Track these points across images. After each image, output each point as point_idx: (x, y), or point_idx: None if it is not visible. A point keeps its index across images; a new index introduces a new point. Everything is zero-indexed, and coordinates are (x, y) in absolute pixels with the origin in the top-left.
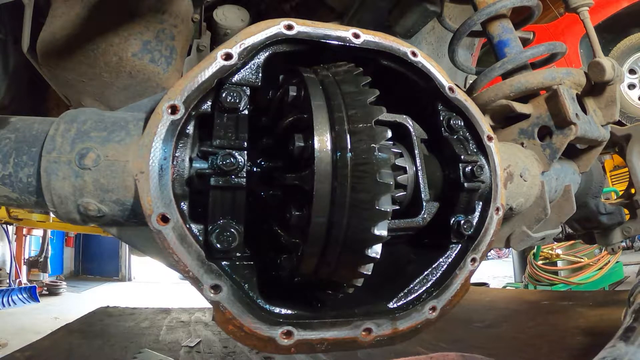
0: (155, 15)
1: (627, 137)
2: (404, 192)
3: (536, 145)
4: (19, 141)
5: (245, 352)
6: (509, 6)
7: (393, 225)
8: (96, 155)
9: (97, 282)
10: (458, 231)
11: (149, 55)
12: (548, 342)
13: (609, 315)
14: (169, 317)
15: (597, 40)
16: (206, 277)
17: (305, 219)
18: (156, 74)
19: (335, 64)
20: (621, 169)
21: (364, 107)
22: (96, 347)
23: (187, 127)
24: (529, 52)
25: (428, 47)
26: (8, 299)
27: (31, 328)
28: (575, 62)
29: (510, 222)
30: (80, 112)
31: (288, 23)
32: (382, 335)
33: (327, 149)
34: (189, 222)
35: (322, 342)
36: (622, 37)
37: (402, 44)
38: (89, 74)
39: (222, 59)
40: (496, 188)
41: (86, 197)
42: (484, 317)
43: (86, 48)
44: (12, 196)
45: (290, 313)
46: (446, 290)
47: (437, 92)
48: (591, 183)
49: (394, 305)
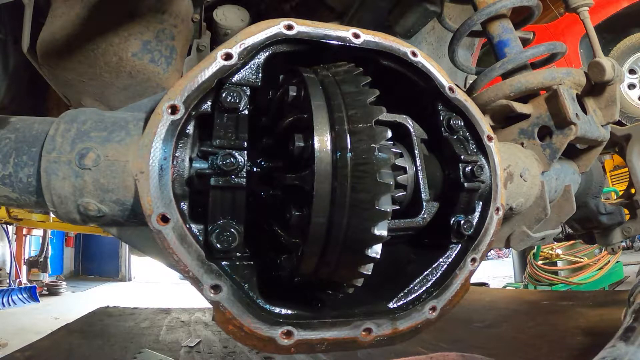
0: (155, 15)
1: (627, 137)
2: (404, 192)
3: (536, 145)
4: (19, 141)
5: (245, 352)
6: (509, 6)
7: (393, 225)
8: (96, 155)
9: (97, 282)
10: (458, 231)
11: (149, 55)
12: (548, 342)
13: (609, 315)
14: (169, 317)
15: (597, 40)
16: (206, 277)
17: (305, 219)
18: (156, 74)
19: (335, 64)
20: (621, 169)
21: (364, 107)
22: (96, 347)
23: (187, 127)
24: (529, 52)
25: (428, 47)
26: (8, 299)
27: (31, 328)
28: (575, 62)
29: (510, 222)
30: (80, 112)
31: (288, 23)
32: (382, 335)
33: (327, 149)
34: (189, 222)
35: (322, 342)
36: (622, 37)
37: (402, 44)
38: (89, 74)
39: (222, 59)
40: (496, 188)
41: (86, 197)
42: (484, 317)
43: (86, 48)
44: (12, 196)
45: (290, 313)
46: (446, 290)
47: (437, 92)
48: (591, 183)
49: (394, 305)
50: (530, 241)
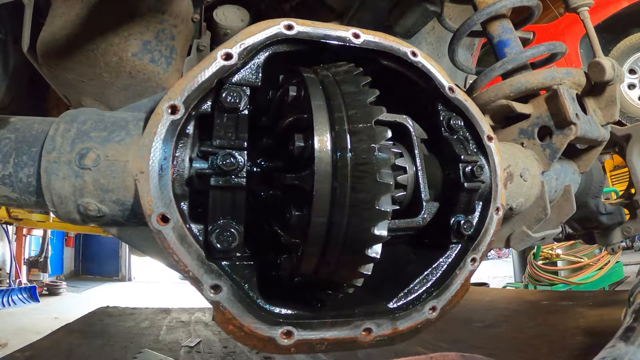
0: (155, 15)
1: (627, 137)
2: (404, 192)
3: (536, 145)
4: (19, 141)
5: (245, 352)
6: (509, 6)
7: (393, 226)
8: (96, 155)
9: (97, 282)
10: (458, 231)
11: (149, 55)
12: (548, 342)
13: (609, 315)
14: (169, 317)
15: (597, 40)
16: (206, 277)
17: (305, 219)
18: (156, 74)
19: (335, 64)
20: (621, 169)
21: (364, 107)
22: (96, 347)
23: (187, 127)
24: (529, 52)
25: (428, 47)
26: (8, 299)
27: (31, 328)
28: (575, 62)
29: (510, 222)
30: (80, 112)
31: (288, 23)
32: (382, 335)
33: (327, 149)
34: (189, 222)
35: (322, 342)
36: (622, 37)
37: (402, 44)
38: (89, 74)
39: (222, 59)
40: (496, 188)
41: (86, 197)
42: (484, 317)
43: (86, 48)
44: (12, 196)
45: (290, 313)
46: (446, 290)
47: (437, 92)
48: (591, 183)
49: (394, 305)
50: (530, 241)
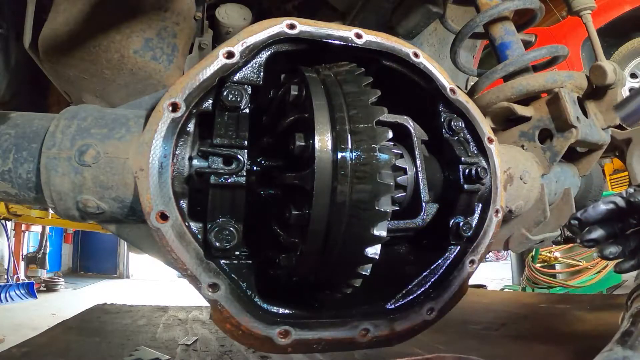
0: (158, 12)
1: (627, 141)
2: (404, 193)
3: (537, 148)
4: (19, 137)
5: (242, 351)
6: (511, 8)
7: (392, 226)
8: (96, 152)
9: (95, 279)
10: (457, 233)
11: (150, 52)
12: (545, 345)
13: (607, 318)
14: (166, 315)
15: (599, 44)
16: (204, 276)
17: (305, 218)
18: (158, 72)
19: (337, 64)
20: (621, 173)
21: (365, 107)
22: (93, 344)
23: (188, 125)
24: (530, 54)
25: (430, 48)
26: (6, 295)
27: (28, 324)
28: (577, 65)
29: (509, 224)
30: (81, 109)
31: (291, 22)
32: (380, 336)
33: (327, 148)
34: (188, 220)
35: (320, 342)
36: (624, 40)
37: (405, 44)
38: (91, 70)
39: (224, 57)
40: (496, 190)
41: (85, 194)
42: (482, 319)
43: (88, 45)
44: (11, 192)
45: (288, 312)
46: (444, 292)
47: (438, 93)
48: (591, 186)
49: (392, 306)
50: (529, 244)
